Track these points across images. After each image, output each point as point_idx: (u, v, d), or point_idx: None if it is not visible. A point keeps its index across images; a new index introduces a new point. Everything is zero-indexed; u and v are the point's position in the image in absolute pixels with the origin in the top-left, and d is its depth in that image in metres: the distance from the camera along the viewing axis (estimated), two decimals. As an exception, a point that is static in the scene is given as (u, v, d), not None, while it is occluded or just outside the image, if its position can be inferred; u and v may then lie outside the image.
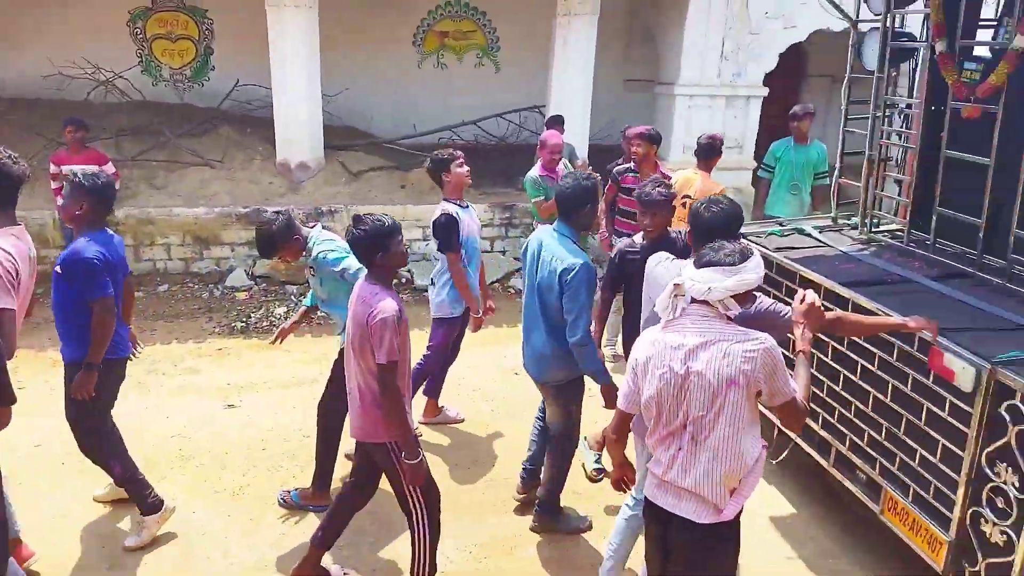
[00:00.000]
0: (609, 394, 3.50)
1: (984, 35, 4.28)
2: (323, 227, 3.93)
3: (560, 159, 6.13)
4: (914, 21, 4.34)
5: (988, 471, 2.89)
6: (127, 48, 9.44)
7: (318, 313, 4.36)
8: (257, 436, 4.86)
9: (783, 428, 3.25)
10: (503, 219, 8.51)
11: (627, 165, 5.78)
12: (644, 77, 10.13)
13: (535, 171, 6.07)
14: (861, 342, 3.53)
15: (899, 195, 4.70)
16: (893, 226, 4.68)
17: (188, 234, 7.88)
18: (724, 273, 2.36)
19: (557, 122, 7.48)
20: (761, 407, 2.61)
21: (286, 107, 8.32)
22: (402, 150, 9.35)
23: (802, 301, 2.61)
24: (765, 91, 9.14)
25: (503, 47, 10.44)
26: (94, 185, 3.49)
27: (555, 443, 3.82)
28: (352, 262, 3.62)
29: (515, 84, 10.05)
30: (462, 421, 5.07)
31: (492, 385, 5.65)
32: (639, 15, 10.01)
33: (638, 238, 3.83)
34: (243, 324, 6.87)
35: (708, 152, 5.49)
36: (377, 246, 3.00)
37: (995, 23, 4.20)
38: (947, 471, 3.08)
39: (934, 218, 4.14)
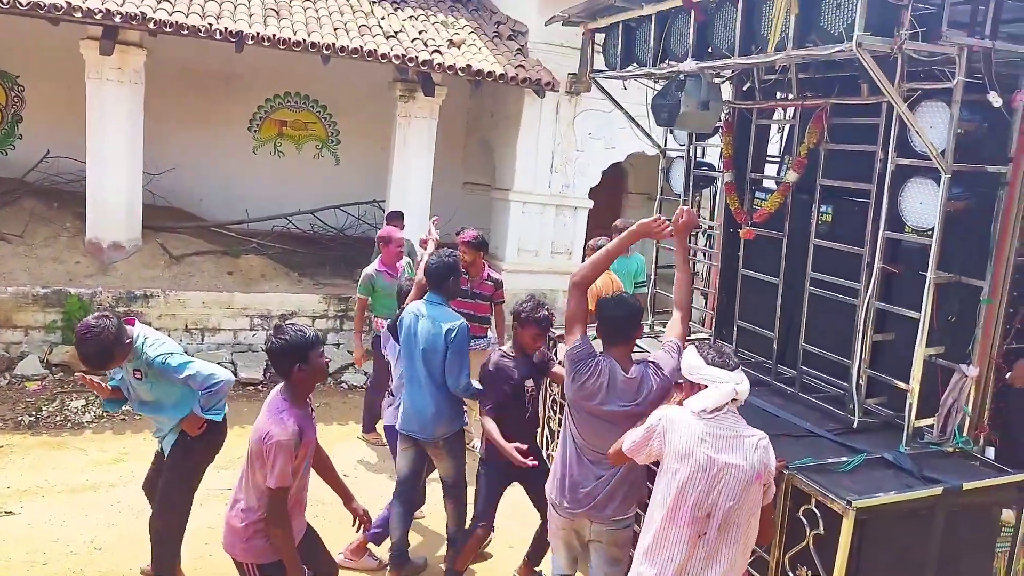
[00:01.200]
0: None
1: (772, 169, 4.92)
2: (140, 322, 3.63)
3: (403, 254, 6.20)
4: (716, 152, 4.91)
5: (791, 574, 3.07)
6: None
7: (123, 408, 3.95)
8: (38, 548, 4.25)
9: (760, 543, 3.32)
10: (338, 311, 8.33)
11: (456, 269, 5.92)
12: (482, 181, 10.56)
13: (372, 267, 6.07)
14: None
15: (704, 307, 5.15)
16: (702, 335, 5.10)
17: (-25, 313, 7.00)
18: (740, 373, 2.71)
19: (397, 217, 7.56)
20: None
21: (101, 182, 7.75)
22: (232, 235, 8.99)
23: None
24: (591, 203, 9.82)
25: (343, 141, 10.52)
26: None
27: (452, 490, 4.11)
28: (201, 366, 3.47)
29: (355, 177, 10.11)
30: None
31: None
32: (477, 124, 10.53)
33: (508, 350, 3.96)
34: (32, 418, 6.12)
35: None
36: (296, 357, 2.87)
37: (779, 159, 4.85)
38: (756, 575, 3.24)
39: (735, 329, 4.56)
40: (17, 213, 8.09)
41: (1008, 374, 3.40)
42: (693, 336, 5.10)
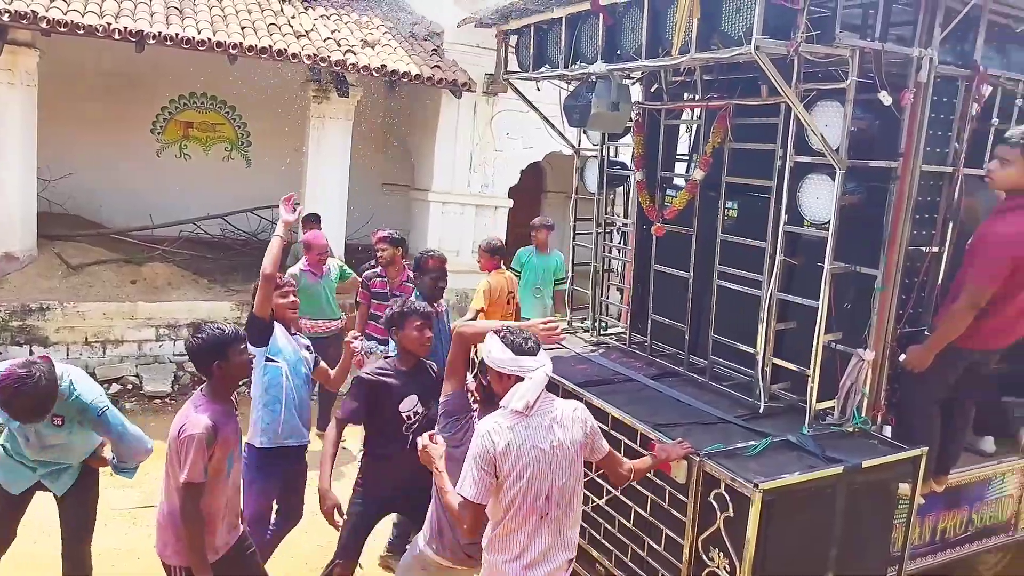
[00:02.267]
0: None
1: (682, 167, 5.08)
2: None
3: (327, 257, 6.16)
4: (628, 151, 5.03)
5: (704, 557, 3.17)
6: None
7: None
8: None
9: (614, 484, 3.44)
10: (250, 318, 8.10)
11: (376, 269, 5.86)
12: (401, 182, 10.47)
13: (298, 267, 6.00)
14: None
15: (621, 302, 5.27)
16: (618, 329, 5.21)
17: None
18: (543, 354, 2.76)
19: (313, 220, 7.41)
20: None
21: (-8, 190, 7.31)
22: (135, 242, 8.60)
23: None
24: (510, 203, 9.89)
25: (255, 142, 10.23)
26: None
27: None
28: (131, 426, 3.35)
29: (267, 180, 9.82)
30: None
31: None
32: (394, 125, 10.43)
33: (390, 363, 3.65)
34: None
35: None
36: (215, 354, 2.86)
37: (688, 157, 5.01)
38: (670, 558, 3.33)
39: (649, 323, 4.69)
40: None
41: (901, 357, 3.61)
42: (613, 330, 5.22)
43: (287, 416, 3.79)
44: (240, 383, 3.13)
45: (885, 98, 3.21)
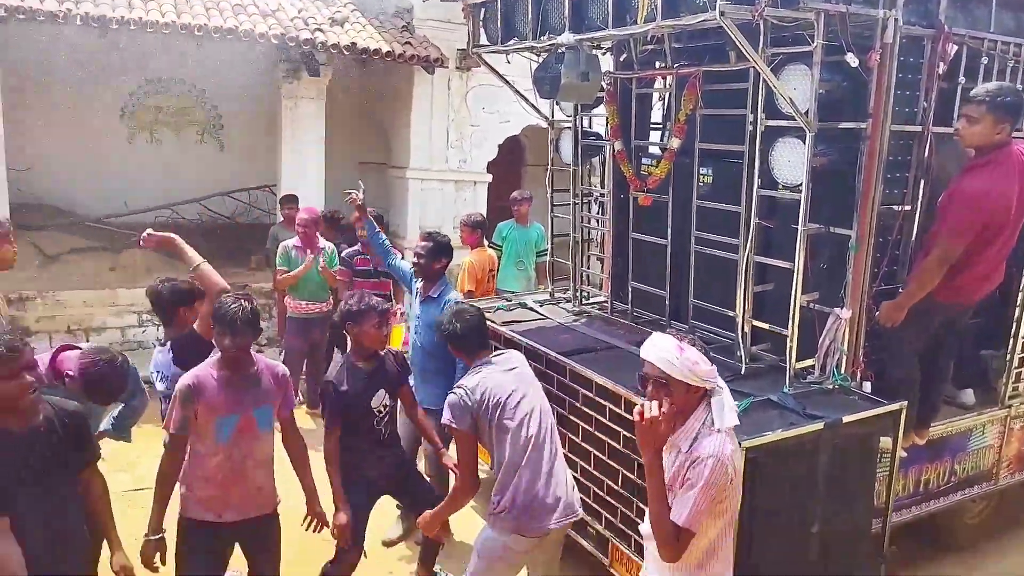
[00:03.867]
0: None
1: (656, 135, 5.09)
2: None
3: (317, 233, 6.05)
4: (602, 122, 5.03)
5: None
6: None
7: None
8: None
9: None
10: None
11: (356, 248, 5.85)
12: (377, 160, 10.39)
13: (290, 243, 6.02)
14: (579, 404, 3.87)
15: (601, 272, 5.32)
16: (600, 298, 5.26)
17: None
18: None
19: (291, 201, 7.37)
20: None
21: (-40, 183, 7.18)
22: (112, 230, 8.51)
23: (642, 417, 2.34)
24: (489, 177, 9.85)
25: (226, 125, 10.08)
26: None
27: None
28: None
29: (242, 163, 9.74)
30: None
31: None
32: (368, 103, 10.33)
33: (349, 363, 3.58)
34: None
35: None
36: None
37: (662, 126, 5.03)
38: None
39: (630, 291, 4.73)
40: None
41: (876, 313, 3.68)
42: (595, 300, 5.26)
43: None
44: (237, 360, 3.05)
45: (852, 60, 3.24)
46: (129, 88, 9.48)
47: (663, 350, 2.37)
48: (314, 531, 3.39)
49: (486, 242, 6.34)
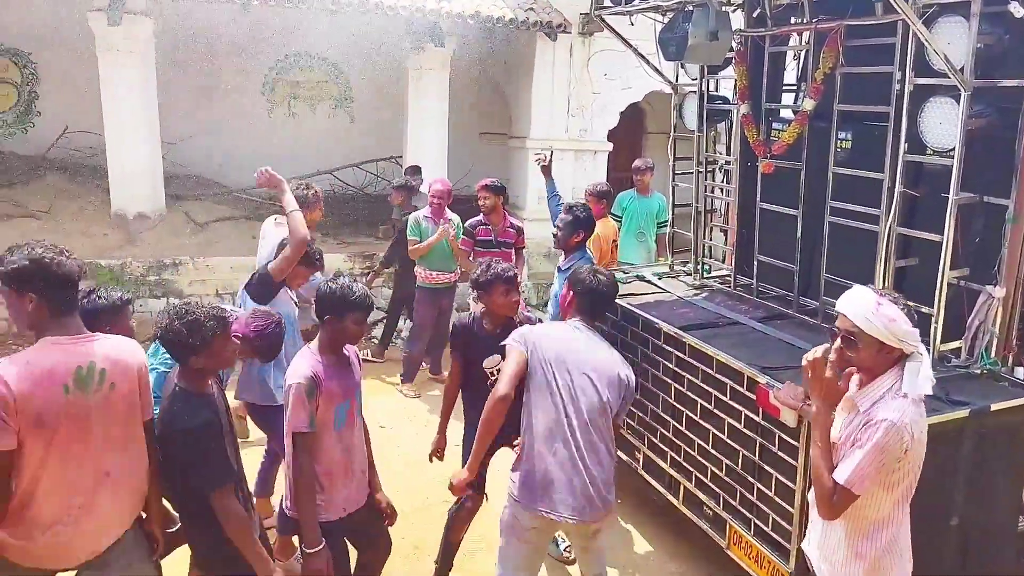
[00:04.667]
0: None
1: (789, 98, 4.79)
2: None
3: (447, 204, 6.14)
4: (730, 85, 4.79)
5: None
6: (-63, 92, 8.63)
7: None
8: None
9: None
10: (364, 269, 8.40)
11: (479, 217, 5.92)
12: (498, 130, 10.45)
13: (421, 213, 6.15)
14: (698, 381, 3.76)
15: (725, 244, 5.10)
16: (722, 272, 5.06)
17: (7, 291, 7.18)
18: None
19: (415, 172, 7.55)
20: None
21: (121, 154, 7.85)
22: (253, 200, 9.06)
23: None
24: (610, 146, 9.68)
25: (357, 98, 10.45)
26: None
27: None
28: None
29: (370, 135, 10.06)
30: None
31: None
32: (490, 73, 10.38)
33: (478, 313, 3.65)
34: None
35: None
36: (333, 309, 2.86)
37: (795, 87, 4.72)
38: (782, 503, 3.27)
39: (756, 265, 4.52)
40: (42, 190, 8.23)
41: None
42: (717, 273, 5.07)
43: (276, 374, 3.80)
44: (344, 345, 3.01)
45: (1017, 10, 2.90)
46: (269, 64, 9.98)
47: (859, 303, 2.25)
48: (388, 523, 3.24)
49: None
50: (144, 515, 2.61)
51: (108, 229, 8.01)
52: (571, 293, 3.23)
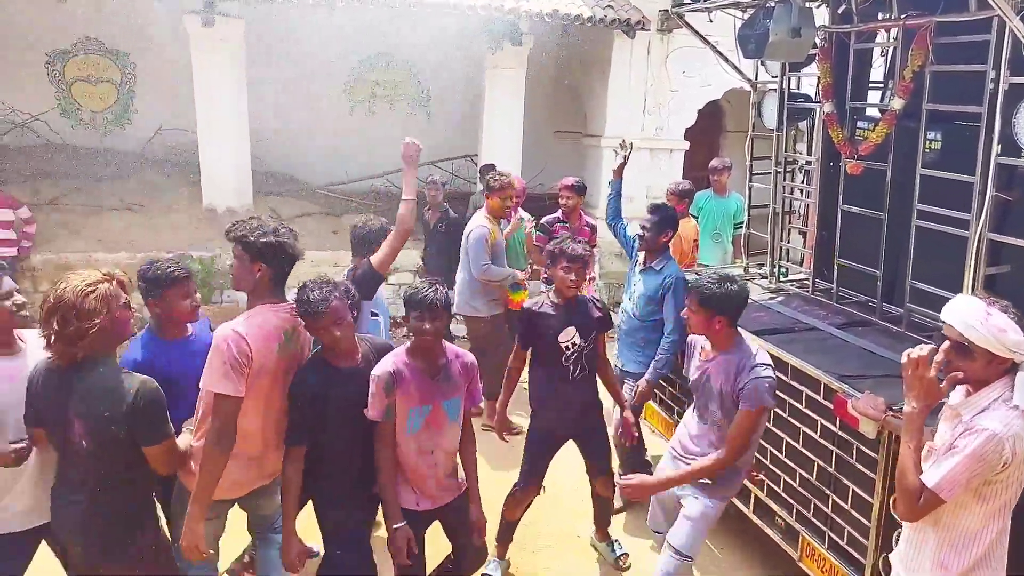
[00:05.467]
0: None
1: (875, 96, 4.61)
2: None
3: (520, 203, 6.15)
4: (812, 82, 4.65)
5: (897, 517, 2.97)
6: (45, 90, 9.20)
7: None
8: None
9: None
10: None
11: (556, 215, 5.94)
12: (573, 129, 10.43)
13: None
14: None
15: (803, 247, 4.96)
16: (800, 275, 4.92)
17: (107, 280, 7.61)
18: None
19: (491, 170, 7.60)
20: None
21: (213, 151, 8.22)
22: (334, 196, 9.33)
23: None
24: (686, 145, 9.52)
25: (433, 98, 10.60)
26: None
27: None
28: None
29: (446, 133, 10.19)
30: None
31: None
32: (565, 71, 10.37)
33: (549, 298, 3.68)
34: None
35: None
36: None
37: (882, 85, 4.54)
38: (859, 517, 3.17)
39: (836, 268, 4.37)
40: (139, 184, 8.69)
41: None
42: (794, 277, 4.93)
43: None
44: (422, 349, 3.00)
45: None
46: (351, 64, 10.24)
47: (966, 313, 2.20)
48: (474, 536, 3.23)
49: None
50: None
51: (198, 222, 8.39)
52: (716, 316, 3.00)
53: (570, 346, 3.58)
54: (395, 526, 2.92)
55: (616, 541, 4.13)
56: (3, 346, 2.58)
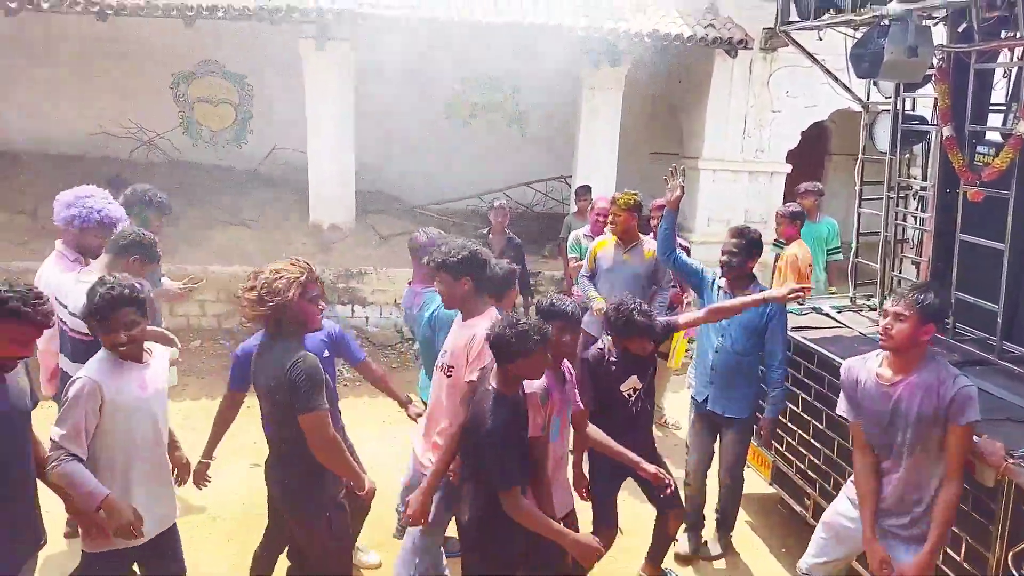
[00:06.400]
0: None
1: (996, 119, 4.32)
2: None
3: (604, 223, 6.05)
4: (928, 104, 4.41)
5: (1016, 574, 2.75)
6: (169, 110, 9.87)
7: None
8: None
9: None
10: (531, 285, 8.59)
11: (648, 236, 5.88)
12: (669, 150, 10.29)
13: (581, 231, 6.20)
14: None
15: (916, 277, 4.68)
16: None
17: (222, 291, 8.03)
18: None
19: (585, 192, 7.61)
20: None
21: (321, 170, 8.61)
22: (432, 215, 9.55)
23: None
24: (788, 168, 9.22)
25: (530, 119, 10.70)
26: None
27: None
28: None
29: (541, 154, 10.28)
30: None
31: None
32: (663, 90, 10.26)
33: (607, 345, 3.67)
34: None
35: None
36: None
37: (1004, 107, 4.25)
38: (972, 571, 2.96)
39: (952, 302, 4.11)
40: (252, 201, 9.17)
41: None
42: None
43: None
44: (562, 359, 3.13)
45: None
46: (451, 85, 10.48)
47: None
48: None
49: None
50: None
51: (305, 238, 8.77)
52: (926, 326, 2.86)
53: (631, 393, 3.59)
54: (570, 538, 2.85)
55: (669, 570, 4.07)
56: (135, 359, 2.92)
